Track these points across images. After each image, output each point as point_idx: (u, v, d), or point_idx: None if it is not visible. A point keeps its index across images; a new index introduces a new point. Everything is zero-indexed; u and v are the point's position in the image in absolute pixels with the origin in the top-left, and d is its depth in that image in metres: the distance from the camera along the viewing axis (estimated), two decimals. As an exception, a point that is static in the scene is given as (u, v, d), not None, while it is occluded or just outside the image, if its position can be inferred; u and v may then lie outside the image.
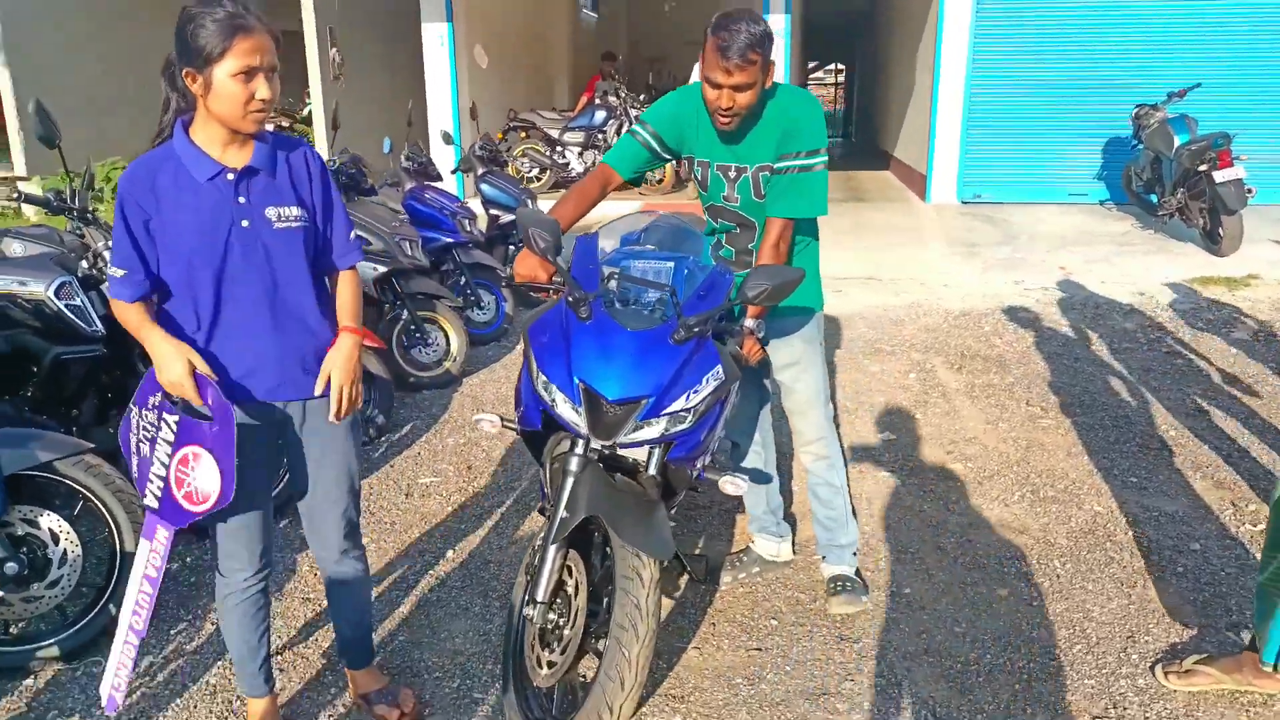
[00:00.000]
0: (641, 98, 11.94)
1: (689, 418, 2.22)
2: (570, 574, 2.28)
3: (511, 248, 6.86)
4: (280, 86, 2.05)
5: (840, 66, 32.42)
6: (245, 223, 2.01)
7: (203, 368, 2.00)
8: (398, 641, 2.83)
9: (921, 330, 6.04)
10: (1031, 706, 2.49)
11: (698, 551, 3.31)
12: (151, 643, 2.83)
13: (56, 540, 2.74)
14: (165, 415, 2.07)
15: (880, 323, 6.24)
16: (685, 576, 3.07)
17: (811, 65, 30.84)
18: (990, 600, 2.99)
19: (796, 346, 2.79)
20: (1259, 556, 3.11)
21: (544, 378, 2.21)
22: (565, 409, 2.18)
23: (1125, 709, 2.47)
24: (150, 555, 2.18)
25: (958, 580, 3.10)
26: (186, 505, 2.08)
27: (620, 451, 2.33)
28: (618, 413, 2.16)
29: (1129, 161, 8.77)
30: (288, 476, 2.34)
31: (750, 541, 3.19)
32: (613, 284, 2.35)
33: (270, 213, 2.03)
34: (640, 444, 2.22)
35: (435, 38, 10.58)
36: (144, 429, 2.13)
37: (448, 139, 7.60)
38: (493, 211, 6.73)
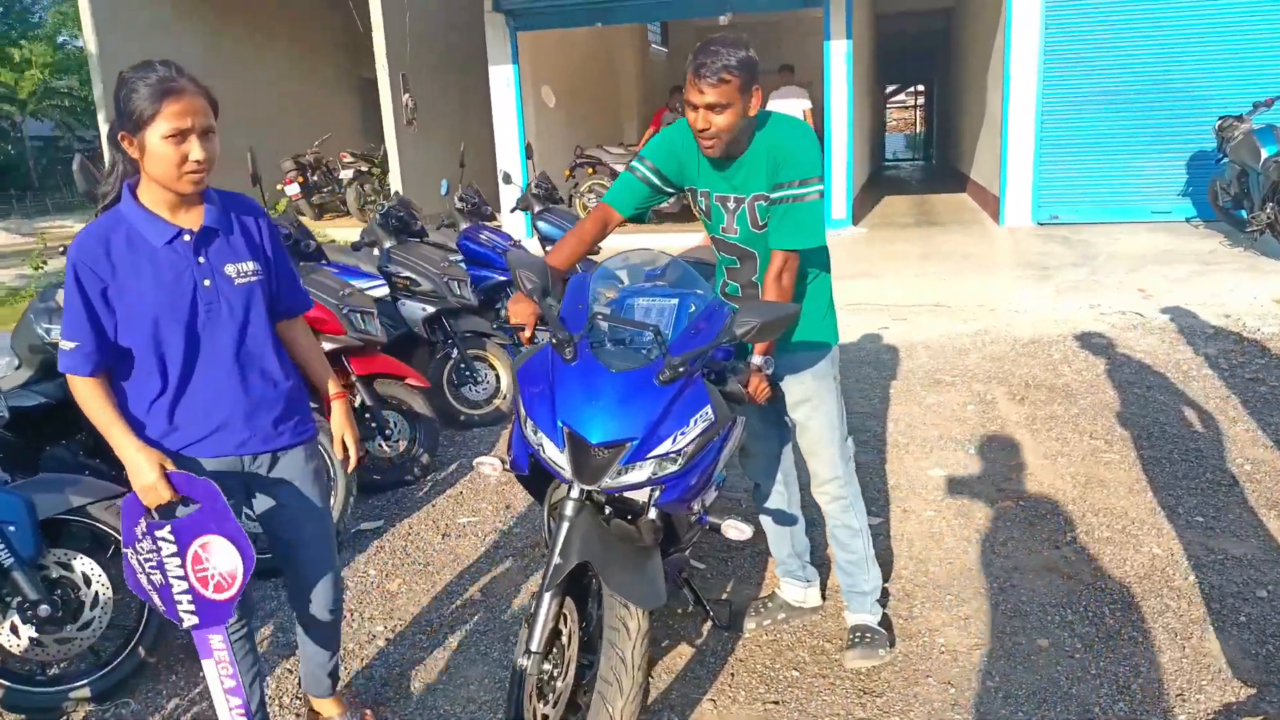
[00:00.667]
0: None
1: (679, 460, 2.16)
2: (565, 623, 2.24)
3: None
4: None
5: (920, 88, 31.92)
6: (207, 282, 2.06)
7: (170, 465, 2.03)
8: (414, 686, 2.83)
9: (986, 359, 5.82)
10: (1064, 769, 2.33)
11: (724, 596, 3.23)
12: (146, 702, 2.89)
13: (89, 583, 2.81)
14: (157, 535, 2.06)
15: (944, 352, 6.04)
16: (708, 622, 2.99)
17: (891, 89, 30.46)
18: (1030, 651, 2.82)
19: (808, 383, 2.72)
20: (1332, 606, 2.87)
21: (531, 422, 2.19)
22: (552, 453, 2.16)
23: (1168, 775, 2.28)
24: (219, 669, 2.17)
25: (997, 629, 2.94)
26: (220, 596, 2.07)
27: (627, 496, 2.28)
28: (603, 456, 2.12)
29: (1214, 176, 8.34)
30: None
31: (777, 587, 3.09)
32: (602, 324, 2.32)
33: (229, 269, 2.09)
34: (627, 488, 2.17)
35: (502, 79, 10.83)
36: (145, 562, 2.12)
37: (507, 179, 7.74)
38: (549, 248, 6.79)
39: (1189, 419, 4.59)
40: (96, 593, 2.82)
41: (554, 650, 2.22)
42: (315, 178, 14.04)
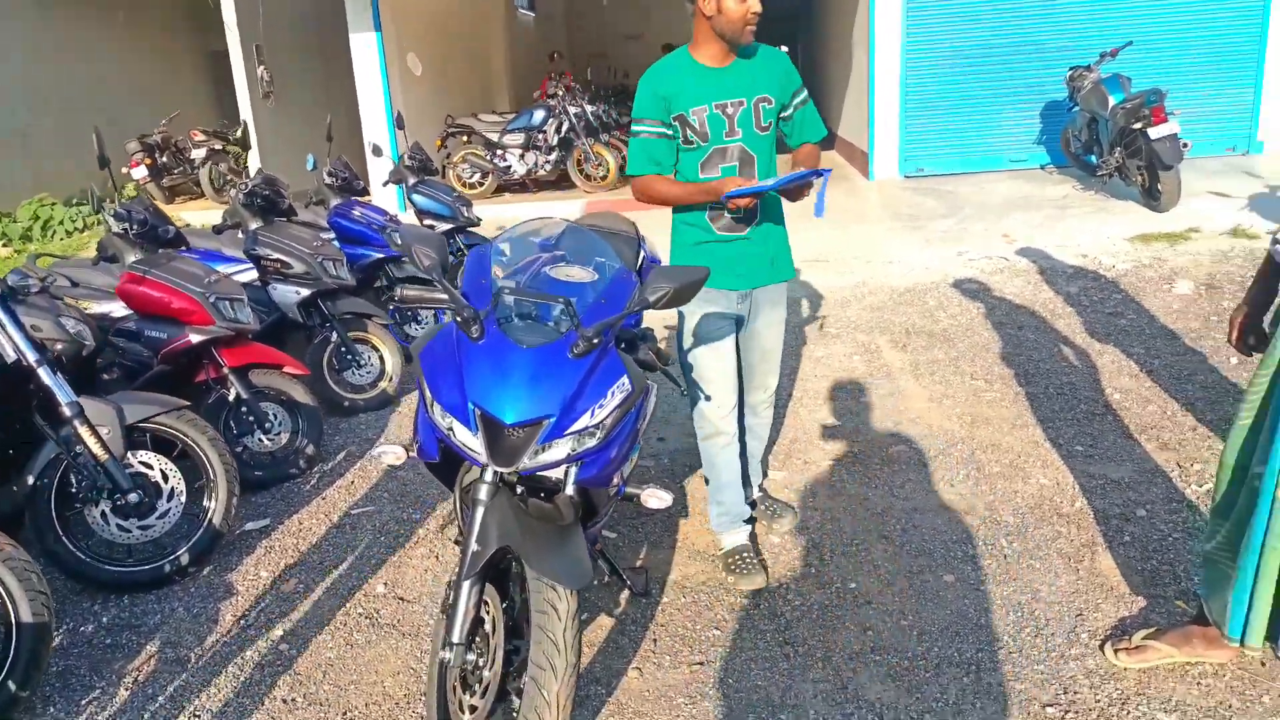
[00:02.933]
0: (586, 96, 11.76)
1: (598, 434, 2.10)
2: (488, 610, 2.16)
3: (451, 258, 6.71)
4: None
5: (785, 49, 32.40)
6: None
7: None
8: (325, 689, 2.70)
9: (867, 310, 5.97)
10: (981, 700, 2.41)
11: (639, 563, 3.20)
12: (60, 714, 2.67)
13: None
14: None
15: (826, 304, 6.17)
16: (625, 591, 2.96)
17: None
18: (937, 588, 2.91)
19: (782, 310, 3.04)
20: (1205, 520, 3.07)
21: (439, 405, 2.09)
22: (463, 436, 2.06)
23: (1076, 693, 2.40)
24: None
25: (904, 570, 3.02)
26: None
27: (540, 475, 2.21)
28: (518, 436, 2.03)
29: (1066, 124, 8.78)
30: None
31: (738, 536, 3.13)
32: (509, 299, 2.22)
33: None
34: (545, 467, 2.10)
35: (364, 47, 10.36)
36: None
37: (378, 151, 7.44)
38: (428, 222, 6.56)
39: (1060, 354, 4.83)
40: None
41: (476, 639, 2.14)
42: (164, 159, 13.11)
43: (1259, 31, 9.09)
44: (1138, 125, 7.31)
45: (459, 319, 2.12)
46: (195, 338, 3.87)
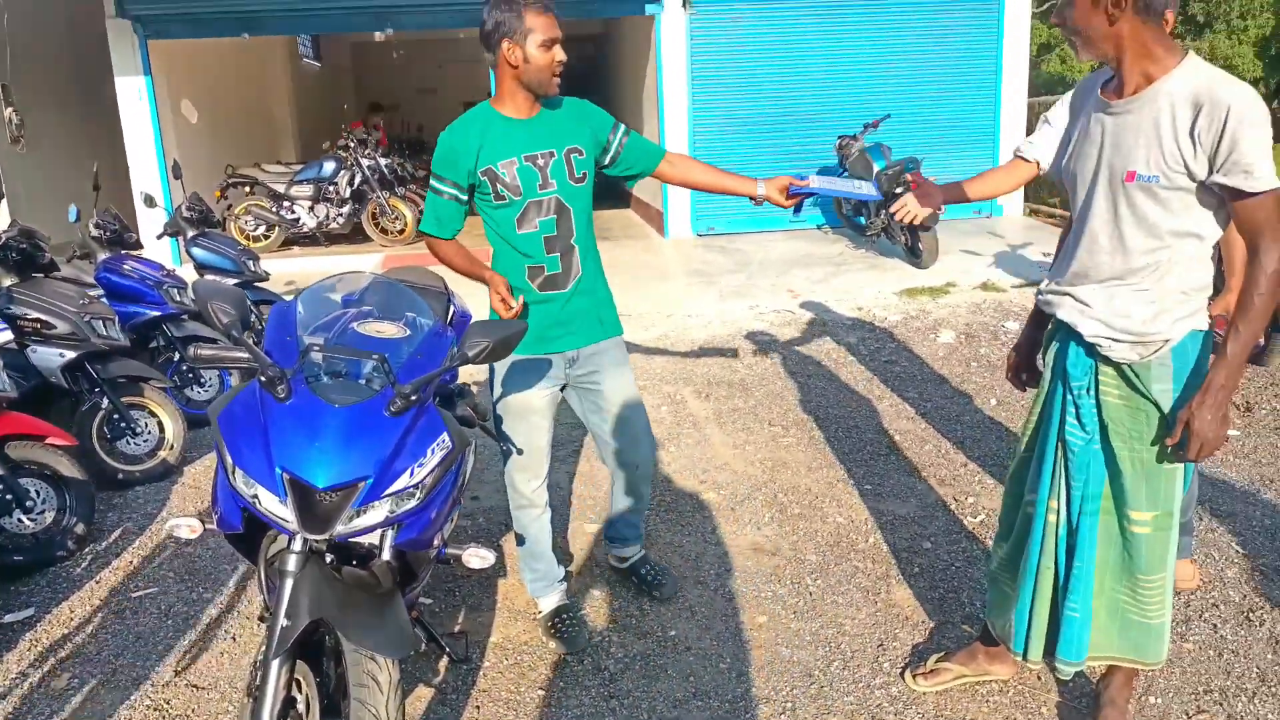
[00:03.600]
0: (379, 148, 11.50)
1: (418, 494, 2.04)
2: (300, 689, 2.02)
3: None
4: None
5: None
6: None
7: None
8: (105, 795, 2.42)
9: (671, 362, 6.16)
10: (798, 734, 2.51)
11: (457, 629, 3.10)
12: None
13: None
14: None
15: (632, 357, 6.29)
16: (444, 659, 2.86)
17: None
18: (751, 629, 3.02)
19: (626, 372, 2.97)
20: (986, 547, 3.37)
21: (241, 472, 1.96)
22: (270, 504, 1.94)
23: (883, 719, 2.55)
24: None
25: (719, 613, 3.12)
26: None
27: (349, 540, 2.11)
28: (331, 500, 1.94)
29: (838, 187, 9.52)
30: None
31: (541, 610, 3.07)
32: (316, 356, 2.13)
33: None
34: (363, 532, 2.01)
35: (132, 92, 9.66)
36: None
37: (150, 202, 6.93)
38: (208, 277, 6.16)
39: (846, 400, 5.19)
40: None
41: (287, 720, 2.00)
42: (-115, 208, 11.59)
43: (993, 110, 10.35)
44: (899, 190, 8.06)
45: (263, 378, 2.01)
46: (-62, 409, 3.42)
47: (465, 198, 2.72)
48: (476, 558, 2.24)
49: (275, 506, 1.94)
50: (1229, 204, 1.97)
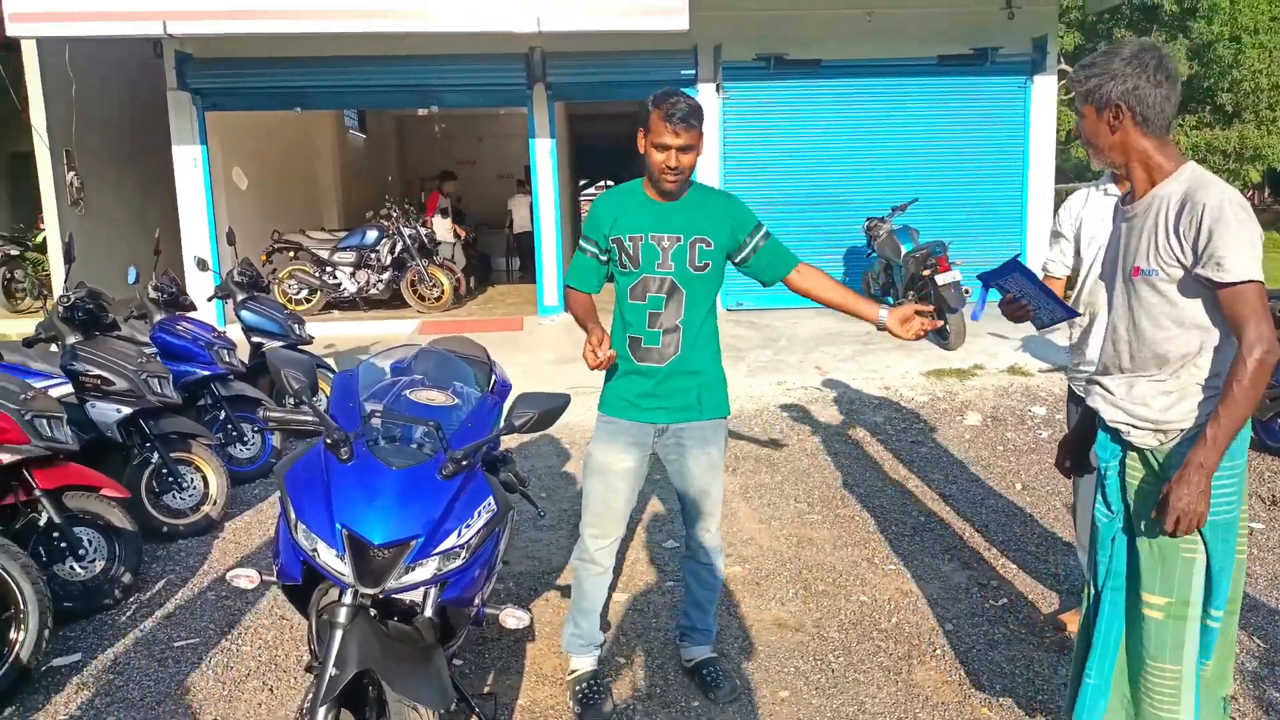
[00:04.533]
0: (419, 218, 11.95)
1: (462, 553, 2.17)
2: (344, 737, 2.13)
3: (278, 376, 6.54)
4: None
5: (610, 183, 33.97)
6: None
7: None
8: (147, 838, 2.50)
9: (697, 435, 6.27)
10: (818, 807, 2.56)
11: (486, 690, 3.19)
12: None
13: None
14: None
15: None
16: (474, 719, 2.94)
17: (583, 183, 32.16)
18: (773, 703, 3.07)
19: (713, 452, 3.00)
20: (1008, 631, 3.43)
21: (303, 526, 2.10)
22: (328, 557, 2.08)
23: (901, 796, 2.59)
24: None
25: (743, 686, 3.18)
26: None
27: (396, 596, 2.23)
28: (385, 556, 2.08)
29: (866, 268, 9.74)
30: None
31: (574, 669, 3.14)
32: (375, 421, 2.29)
33: None
34: (411, 587, 2.14)
35: (188, 160, 10.13)
36: None
37: (203, 265, 7.24)
38: (255, 339, 6.41)
39: (871, 479, 5.27)
40: None
41: (331, 768, 2.10)
42: (-53, 263, 12.10)
43: (1020, 196, 10.55)
44: (926, 272, 8.24)
45: (328, 441, 2.17)
46: (5, 458, 3.61)
47: (604, 259, 2.93)
48: (513, 618, 2.35)
49: (333, 560, 2.07)
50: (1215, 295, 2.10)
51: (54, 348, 4.97)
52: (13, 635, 3.16)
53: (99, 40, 9.33)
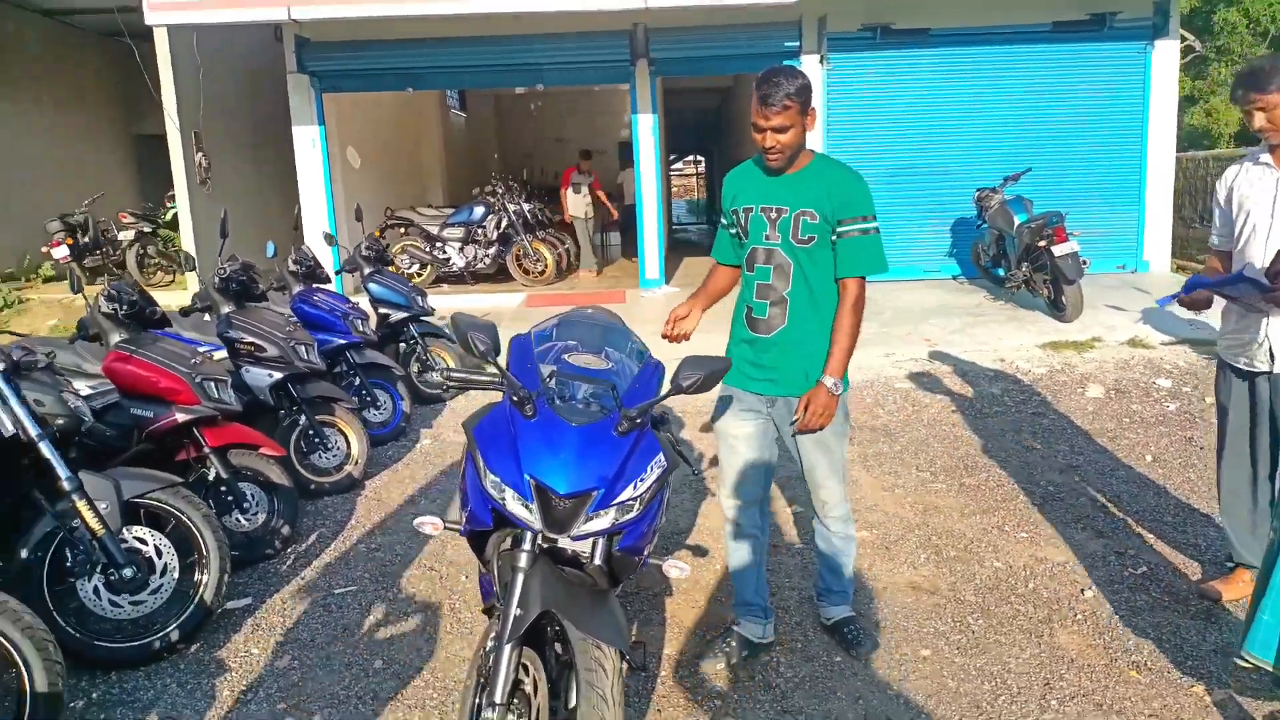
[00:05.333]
0: (522, 194, 12.22)
1: (636, 506, 2.29)
2: (526, 672, 2.28)
3: (403, 346, 6.82)
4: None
5: (699, 158, 33.86)
6: None
7: None
8: (337, 762, 2.72)
9: (810, 406, 6.30)
10: (969, 759, 2.62)
11: (634, 639, 3.33)
12: None
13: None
14: None
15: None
16: (625, 665, 3.07)
17: (671, 157, 32.19)
18: (916, 660, 3.13)
19: (823, 431, 2.94)
20: (1150, 599, 3.41)
21: (493, 476, 2.25)
22: (516, 506, 2.22)
23: (1053, 752, 2.63)
24: None
25: (883, 644, 3.24)
26: None
27: (562, 544, 2.36)
28: (568, 506, 2.21)
29: (976, 239, 9.53)
30: None
31: (734, 624, 3.22)
32: (552, 381, 2.42)
33: None
34: (590, 535, 2.26)
35: (307, 140, 10.54)
36: None
37: (330, 239, 7.56)
38: (382, 310, 6.69)
39: (994, 450, 5.23)
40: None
41: (515, 700, 2.25)
42: (86, 239, 12.88)
43: (1139, 165, 10.16)
44: (1042, 243, 8.04)
45: (513, 398, 2.30)
46: (181, 417, 3.90)
47: (733, 231, 3.05)
48: (675, 568, 2.46)
49: (520, 508, 2.21)
50: None
51: (207, 317, 5.31)
52: (197, 577, 3.44)
53: (225, 26, 9.75)
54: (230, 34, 10.88)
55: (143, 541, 3.35)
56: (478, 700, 2.31)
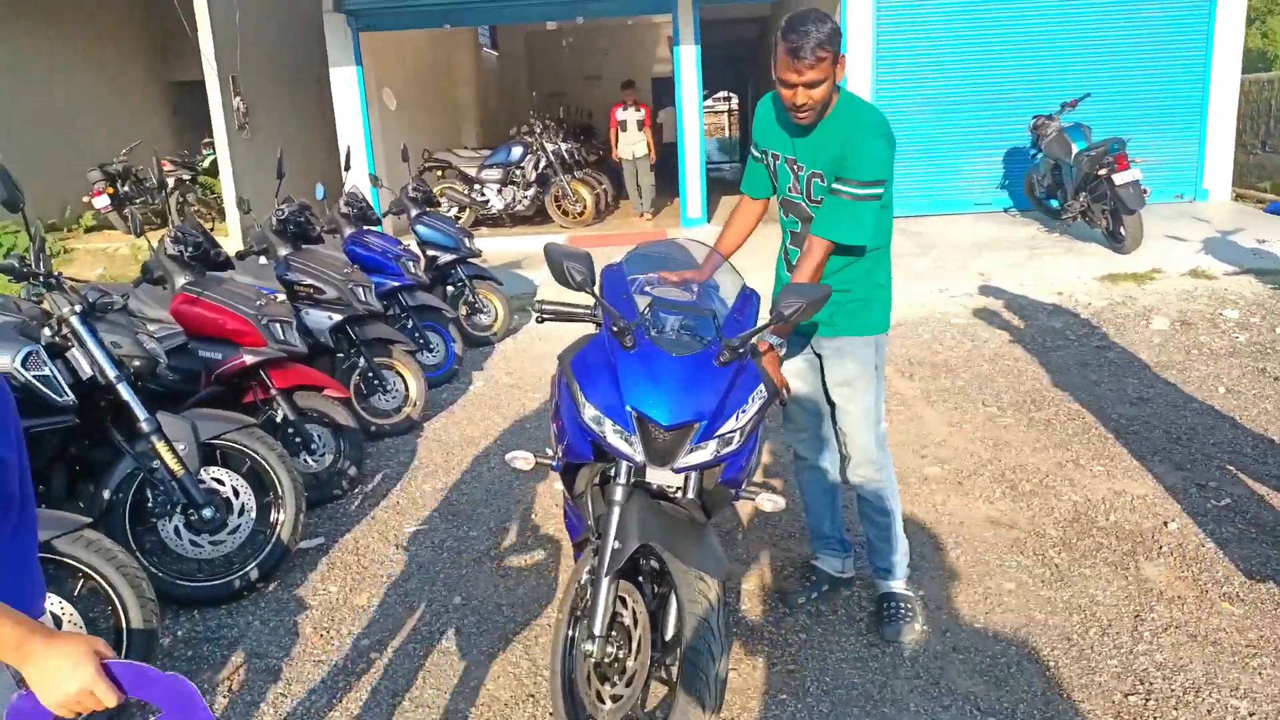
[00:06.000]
0: (560, 134, 11.99)
1: (737, 438, 2.24)
2: (624, 605, 2.27)
3: (451, 288, 6.79)
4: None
5: (731, 94, 33.19)
6: None
7: (108, 651, 1.32)
8: (428, 696, 2.75)
9: (865, 342, 6.21)
10: (1065, 691, 2.59)
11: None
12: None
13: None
14: None
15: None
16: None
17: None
18: (1000, 594, 3.09)
19: (850, 368, 2.82)
20: (1237, 530, 3.33)
21: (592, 409, 2.20)
22: (617, 439, 2.18)
23: (1152, 684, 2.59)
24: None
25: (965, 578, 3.20)
26: None
27: (650, 478, 2.32)
28: (670, 438, 2.17)
29: (1030, 169, 9.26)
30: None
31: (814, 560, 3.19)
32: (649, 312, 2.36)
33: None
34: (694, 468, 2.23)
35: (345, 82, 10.42)
36: None
37: (377, 181, 7.50)
38: (430, 253, 6.65)
39: (1060, 383, 5.12)
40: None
41: (614, 633, 2.25)
42: (126, 188, 12.93)
43: (1202, 88, 9.76)
44: (1102, 171, 7.79)
45: (613, 329, 2.25)
46: (249, 359, 3.90)
47: (769, 163, 2.85)
48: (769, 501, 2.41)
49: (621, 441, 2.17)
50: None
51: (263, 260, 5.29)
52: (274, 517, 3.47)
53: (258, -34, 9.61)
54: (264, -27, 10.73)
55: (220, 482, 3.38)
56: (571, 633, 2.32)
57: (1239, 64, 9.86)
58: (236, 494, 3.41)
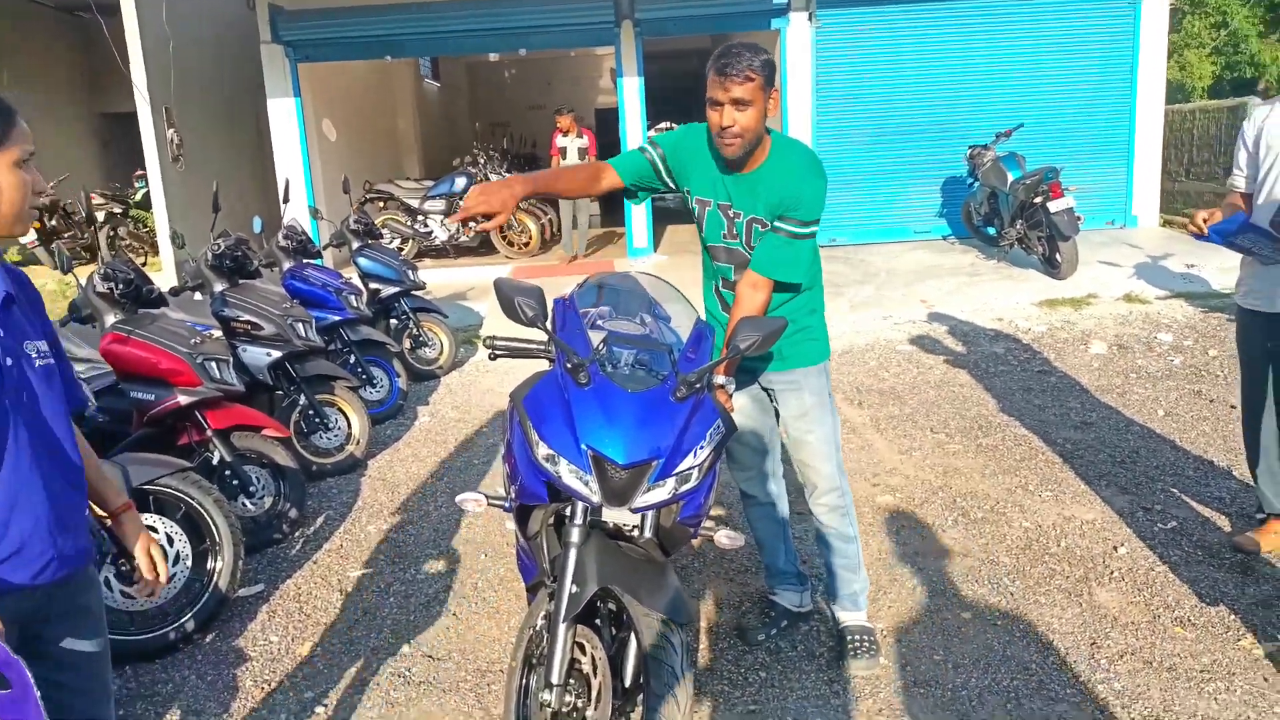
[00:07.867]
0: (504, 163, 11.95)
1: (695, 475, 2.19)
2: (582, 651, 2.19)
3: (394, 322, 6.67)
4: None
5: (673, 125, 33.50)
6: (9, 360, 1.60)
7: None
8: (375, 750, 2.63)
9: (813, 370, 6.23)
10: (1026, 723, 2.57)
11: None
12: None
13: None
14: None
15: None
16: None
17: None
18: (958, 624, 3.08)
19: (806, 399, 2.80)
20: (1184, 554, 3.37)
21: (546, 448, 2.13)
22: (572, 479, 2.11)
23: (1112, 713, 2.59)
24: None
25: (922, 608, 3.18)
26: None
27: (605, 517, 2.26)
28: (627, 477, 2.10)
29: (967, 197, 9.46)
30: None
31: (772, 595, 3.13)
32: (604, 347, 2.30)
33: (29, 348, 1.66)
34: (652, 507, 2.16)
35: (283, 113, 10.25)
36: None
37: (317, 214, 7.36)
38: (373, 285, 6.51)
39: (1006, 409, 5.18)
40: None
41: (571, 680, 2.16)
42: (54, 222, 12.53)
43: (1129, 118, 10.11)
44: (1037, 199, 7.98)
45: (567, 365, 2.19)
46: (184, 399, 3.75)
47: (662, 171, 2.71)
48: (728, 538, 2.36)
49: (576, 481, 2.10)
50: None
51: (197, 296, 5.12)
52: (210, 565, 3.32)
53: (193, -4, 9.43)
54: (201, 4, 10.53)
55: (153, 530, 3.22)
56: (526, 681, 2.23)
57: (1162, 96, 10.26)
58: (171, 542, 3.25)
